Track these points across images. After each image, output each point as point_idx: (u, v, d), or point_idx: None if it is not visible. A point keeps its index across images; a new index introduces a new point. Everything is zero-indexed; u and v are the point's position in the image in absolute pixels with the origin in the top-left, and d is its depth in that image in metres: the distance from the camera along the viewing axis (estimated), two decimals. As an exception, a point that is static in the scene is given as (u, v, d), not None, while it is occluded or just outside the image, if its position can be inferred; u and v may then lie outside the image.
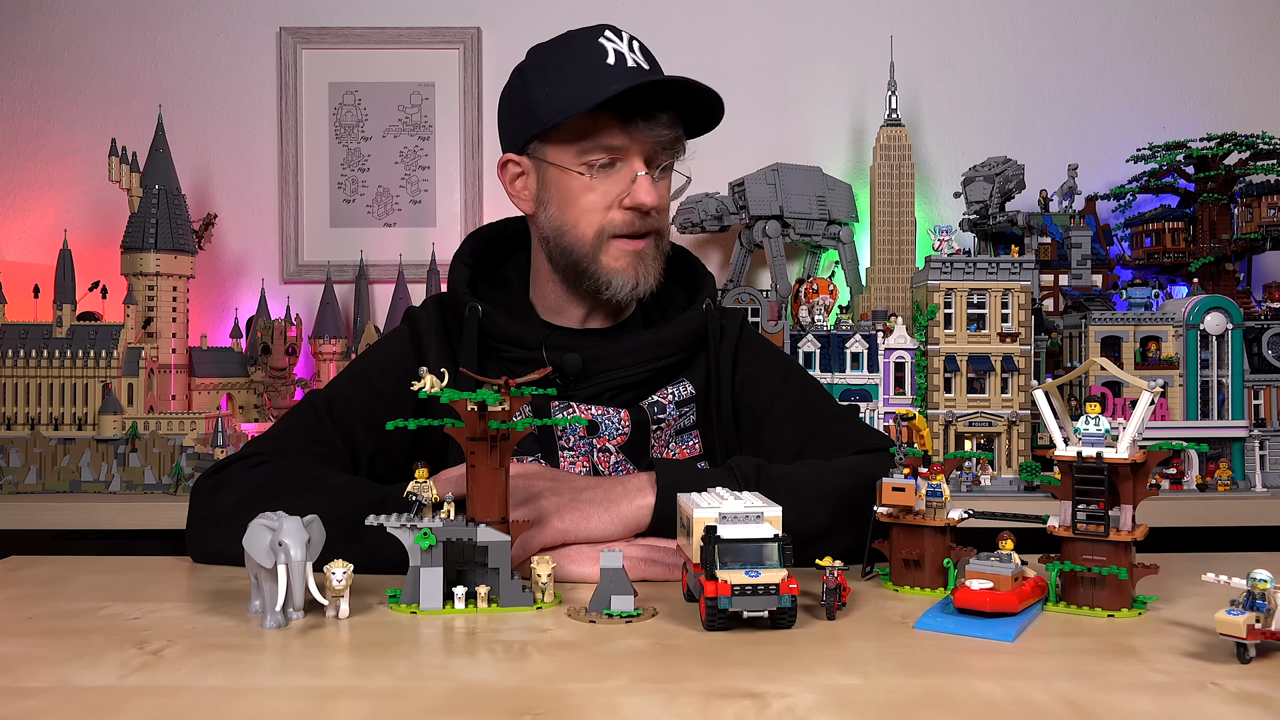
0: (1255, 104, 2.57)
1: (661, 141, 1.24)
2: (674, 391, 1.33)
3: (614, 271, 1.27)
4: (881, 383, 2.09)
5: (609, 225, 1.26)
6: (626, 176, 1.25)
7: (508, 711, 0.66)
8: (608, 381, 1.29)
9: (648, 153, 1.25)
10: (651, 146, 1.24)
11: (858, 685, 0.71)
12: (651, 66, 1.25)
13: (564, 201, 1.28)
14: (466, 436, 0.91)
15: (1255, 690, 0.70)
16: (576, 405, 1.28)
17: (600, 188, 1.25)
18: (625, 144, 1.23)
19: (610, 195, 1.25)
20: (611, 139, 1.23)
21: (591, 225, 1.26)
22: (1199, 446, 1.10)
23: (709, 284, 1.41)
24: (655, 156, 1.26)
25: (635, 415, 1.29)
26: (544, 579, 0.92)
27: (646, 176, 1.23)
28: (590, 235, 1.27)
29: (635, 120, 1.22)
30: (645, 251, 1.28)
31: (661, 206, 1.28)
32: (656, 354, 1.31)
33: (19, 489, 2.03)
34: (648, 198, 1.23)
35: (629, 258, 1.27)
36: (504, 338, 1.30)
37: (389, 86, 2.58)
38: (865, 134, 2.57)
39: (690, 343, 1.34)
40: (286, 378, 2.30)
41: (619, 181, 1.25)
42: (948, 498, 0.98)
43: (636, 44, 1.26)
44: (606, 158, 1.24)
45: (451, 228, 2.57)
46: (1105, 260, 2.43)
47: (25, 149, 2.56)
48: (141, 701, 0.68)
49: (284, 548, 0.84)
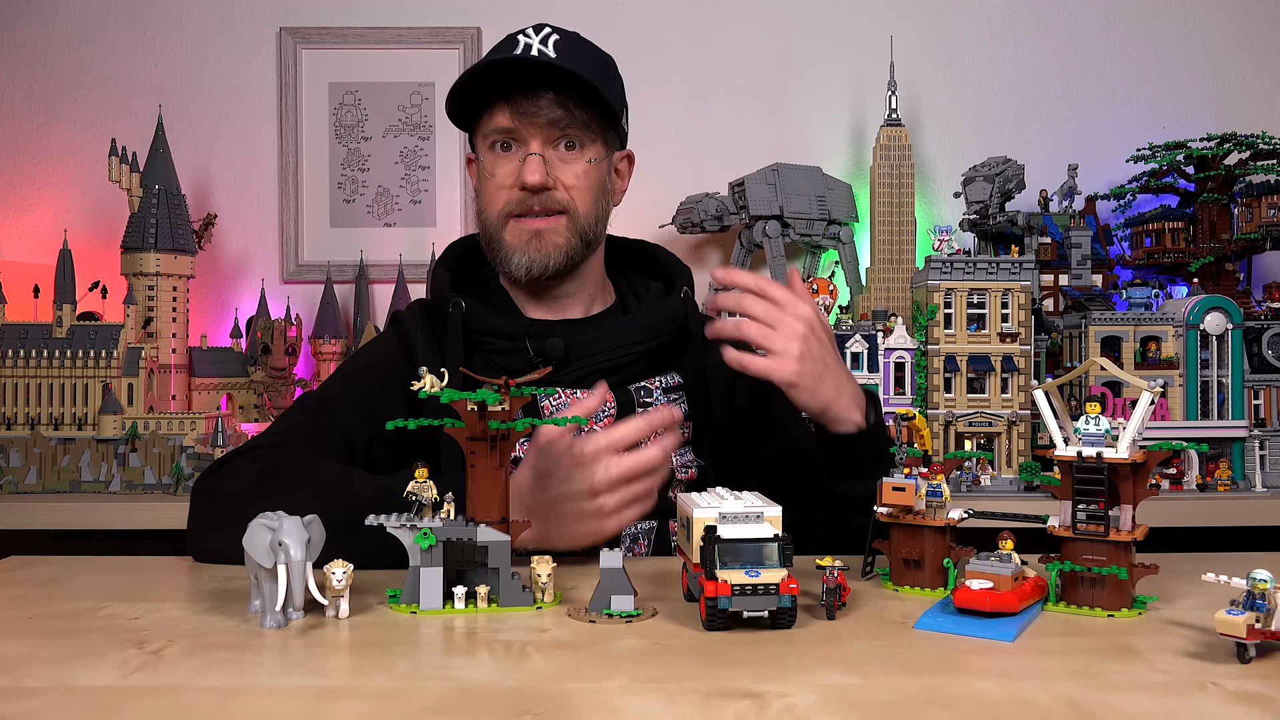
0: (1255, 104, 2.57)
1: (550, 120, 1.29)
2: (661, 380, 1.36)
3: (512, 248, 1.33)
4: (881, 383, 2.09)
5: (508, 205, 1.32)
6: (521, 158, 1.31)
7: (508, 711, 0.66)
8: (591, 365, 1.32)
9: (542, 134, 1.30)
10: (542, 126, 1.30)
11: (858, 685, 0.71)
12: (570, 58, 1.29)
13: (481, 186, 1.37)
14: (466, 436, 0.91)
15: (1255, 690, 0.70)
16: (562, 390, 1.31)
17: (500, 170, 1.33)
18: (514, 125, 1.30)
19: (508, 178, 1.32)
20: (499, 120, 1.31)
21: (495, 206, 1.33)
22: (1199, 446, 1.10)
23: (685, 274, 1.46)
24: (551, 137, 1.31)
25: (621, 396, 1.32)
26: (544, 579, 0.92)
27: (535, 156, 1.29)
28: (495, 215, 1.34)
29: (519, 100, 1.29)
30: (545, 230, 1.32)
31: (563, 184, 1.32)
32: (637, 337, 1.35)
33: (19, 489, 2.03)
34: (530, 176, 1.29)
35: (526, 235, 1.33)
36: (487, 330, 1.34)
37: (389, 86, 2.58)
38: (865, 134, 2.57)
39: (670, 327, 1.38)
40: (286, 378, 2.30)
41: (515, 164, 1.32)
42: (948, 498, 0.98)
43: (556, 39, 1.31)
44: (502, 139, 1.32)
45: (451, 228, 2.57)
46: (1105, 260, 2.43)
47: (25, 149, 2.56)
48: (141, 701, 0.68)
49: (284, 548, 0.84)
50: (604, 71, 1.34)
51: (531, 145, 1.30)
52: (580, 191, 1.33)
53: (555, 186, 1.31)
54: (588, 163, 1.33)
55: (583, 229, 1.34)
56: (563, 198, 1.32)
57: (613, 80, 1.36)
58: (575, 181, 1.32)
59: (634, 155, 1.47)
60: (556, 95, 1.28)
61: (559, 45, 1.30)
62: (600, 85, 1.28)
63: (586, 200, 1.34)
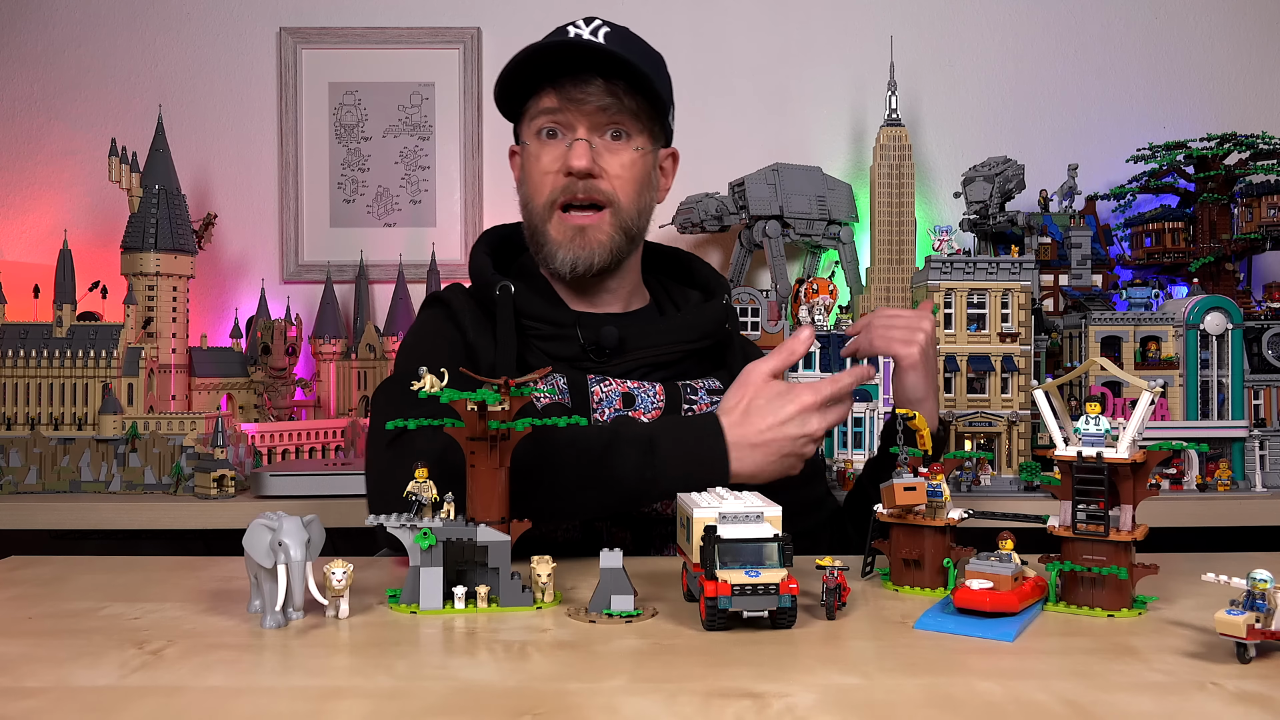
0: (1255, 104, 2.57)
1: (598, 107, 1.27)
2: (705, 383, 1.36)
3: (557, 244, 1.32)
4: (881, 383, 2.09)
5: (553, 192, 1.31)
6: (567, 144, 1.30)
7: (508, 711, 0.66)
8: (643, 357, 1.32)
9: (588, 120, 1.29)
10: (591, 113, 1.28)
11: (858, 685, 0.71)
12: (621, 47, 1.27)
13: (526, 174, 1.35)
14: (466, 436, 0.91)
15: (1255, 690, 0.70)
16: (613, 380, 1.30)
17: (546, 156, 1.31)
18: (560, 107, 1.28)
19: (554, 164, 1.30)
20: (548, 102, 1.29)
21: (541, 193, 1.32)
22: (1199, 446, 1.11)
23: (724, 284, 1.46)
24: (598, 123, 1.29)
25: (669, 390, 1.32)
26: (544, 579, 0.92)
27: (582, 141, 1.28)
28: (541, 203, 1.32)
29: (566, 86, 1.27)
30: (589, 226, 1.31)
31: (608, 174, 1.30)
32: (686, 335, 1.36)
33: (19, 489, 2.03)
34: (577, 160, 1.27)
35: (570, 231, 1.31)
36: (537, 315, 1.32)
37: (389, 86, 2.58)
38: (865, 134, 2.57)
39: (715, 331, 1.38)
40: (286, 378, 2.30)
41: (561, 150, 1.30)
42: (948, 498, 0.98)
43: (607, 30, 1.29)
44: (548, 123, 1.30)
45: (451, 228, 2.57)
46: (1105, 260, 2.43)
47: (25, 149, 2.56)
48: (141, 701, 0.68)
49: (284, 548, 0.84)
50: (654, 64, 1.33)
51: (578, 131, 1.29)
52: (625, 182, 1.31)
53: (600, 175, 1.29)
54: (634, 152, 1.32)
55: (626, 223, 1.33)
56: (607, 188, 1.30)
57: (662, 74, 1.35)
58: (621, 171, 1.31)
59: (679, 154, 1.45)
60: (606, 82, 1.27)
61: (609, 36, 1.29)
62: (651, 75, 1.27)
63: (630, 192, 1.32)
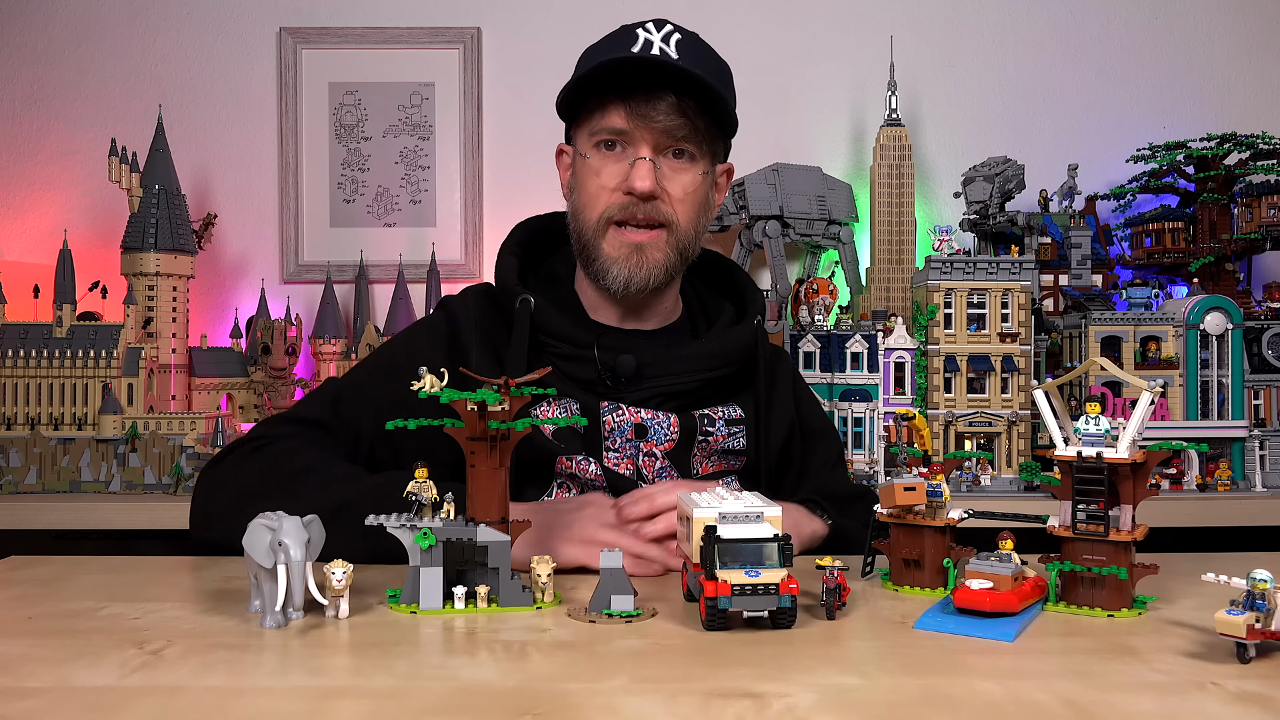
0: (1255, 104, 2.57)
1: (666, 128, 1.21)
2: (725, 411, 1.32)
3: (611, 260, 1.26)
4: (881, 383, 2.09)
5: (609, 209, 1.25)
6: (629, 161, 1.24)
7: (508, 711, 0.66)
8: (659, 386, 1.27)
9: (655, 140, 1.23)
10: (658, 133, 1.22)
11: (858, 685, 0.71)
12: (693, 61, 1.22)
13: (580, 185, 1.29)
14: (466, 436, 0.91)
15: (1255, 690, 0.70)
16: (626, 407, 1.26)
17: (606, 170, 1.25)
18: (628, 127, 1.22)
19: (613, 179, 1.24)
20: (614, 121, 1.23)
21: (596, 208, 1.26)
22: (1199, 446, 1.10)
23: (759, 301, 1.40)
24: (664, 144, 1.23)
25: (685, 422, 1.28)
26: (544, 579, 0.92)
27: (646, 161, 1.22)
28: (594, 219, 1.26)
29: (637, 103, 1.21)
30: (647, 245, 1.25)
31: (671, 196, 1.25)
32: (708, 365, 1.30)
33: (19, 489, 2.03)
34: (641, 182, 1.21)
35: (627, 248, 1.25)
36: (556, 333, 1.27)
37: (389, 86, 2.58)
38: (865, 134, 2.57)
39: (740, 358, 1.32)
40: (286, 378, 2.30)
41: (622, 166, 1.24)
42: (948, 498, 0.98)
43: (679, 38, 1.23)
44: (611, 138, 1.24)
45: (451, 228, 2.57)
46: (1105, 260, 2.43)
47: (25, 149, 2.56)
48: (141, 701, 0.68)
49: (284, 548, 0.84)
50: (723, 79, 1.27)
51: (642, 149, 1.22)
52: (685, 205, 1.26)
53: (662, 197, 1.24)
54: (698, 175, 1.26)
55: (683, 245, 1.28)
56: (667, 210, 1.25)
57: (730, 88, 1.29)
58: (683, 194, 1.25)
59: (734, 168, 1.40)
60: (677, 99, 1.21)
61: (681, 45, 1.23)
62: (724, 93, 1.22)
63: (690, 214, 1.27)
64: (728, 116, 1.25)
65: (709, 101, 1.22)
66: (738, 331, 1.34)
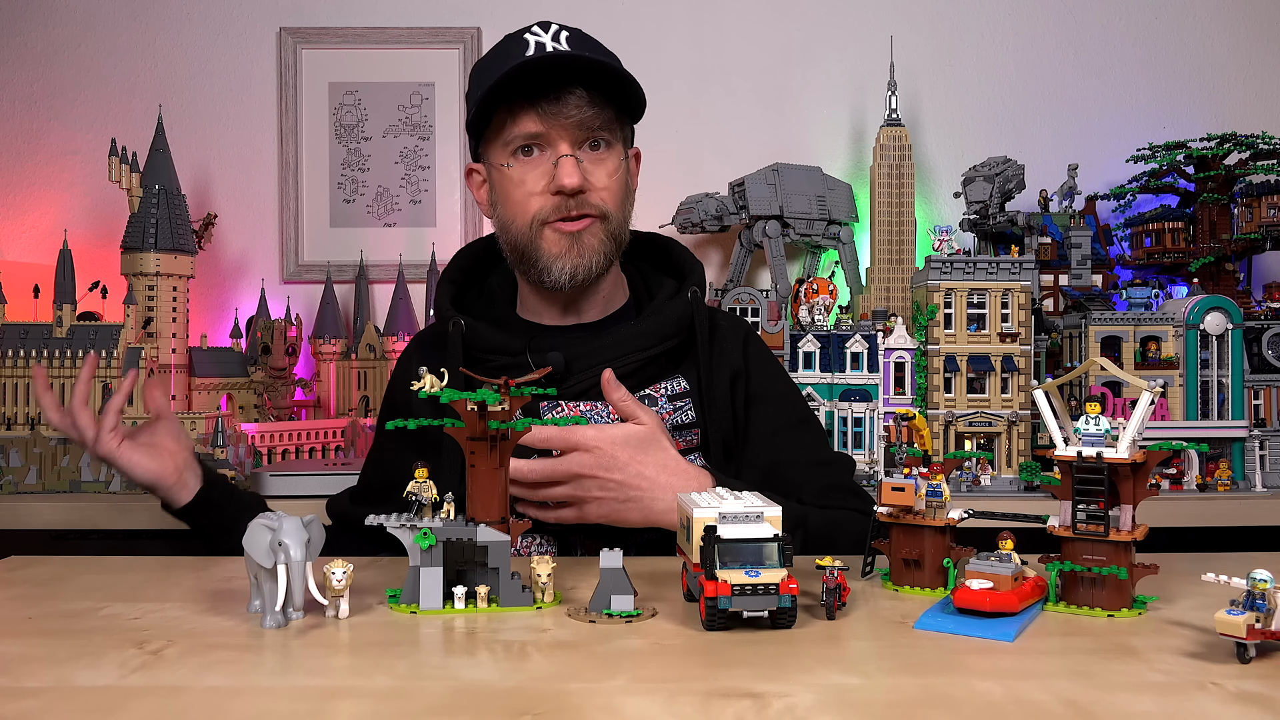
0: (1255, 104, 2.57)
1: (581, 120, 1.24)
2: (666, 386, 1.32)
3: (553, 257, 1.28)
4: (881, 383, 2.09)
5: (540, 213, 1.27)
6: (551, 161, 1.26)
7: (508, 711, 0.66)
8: (593, 375, 1.28)
9: (572, 135, 1.25)
10: (573, 127, 1.24)
11: (858, 685, 0.71)
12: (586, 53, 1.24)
13: (503, 197, 1.31)
14: (466, 436, 0.91)
15: (1255, 690, 0.70)
16: (565, 404, 1.28)
17: (527, 177, 1.27)
18: (541, 129, 1.24)
19: (539, 183, 1.27)
20: (528, 125, 1.25)
21: (527, 214, 1.28)
22: (1199, 446, 1.11)
23: (695, 272, 1.41)
24: (580, 138, 1.26)
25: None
26: (544, 579, 0.92)
27: (568, 158, 1.24)
28: (525, 225, 1.29)
29: (545, 103, 1.23)
30: (583, 233, 1.28)
31: (596, 186, 1.27)
32: (640, 345, 1.31)
33: (19, 489, 2.03)
34: (569, 179, 1.23)
35: (565, 241, 1.28)
36: (488, 347, 1.32)
37: (389, 86, 2.58)
38: (865, 134, 2.57)
39: (676, 331, 1.33)
40: (286, 378, 2.30)
41: (544, 168, 1.26)
42: (948, 498, 0.98)
43: (567, 35, 1.26)
44: (527, 143, 1.26)
45: (451, 228, 2.57)
46: (1105, 260, 2.43)
47: (25, 149, 2.56)
48: (141, 701, 0.68)
49: (284, 548, 0.84)
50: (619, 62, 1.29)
51: (561, 147, 1.25)
52: (612, 192, 1.29)
53: (589, 189, 1.26)
54: (619, 160, 1.30)
55: (615, 231, 1.31)
56: (597, 201, 1.27)
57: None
58: (607, 182, 1.28)
59: (640, 152, 1.44)
60: (586, 92, 1.23)
61: (572, 40, 1.25)
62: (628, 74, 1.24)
63: (617, 200, 1.30)
64: (637, 97, 1.28)
65: (616, 88, 1.25)
66: (672, 305, 1.35)
